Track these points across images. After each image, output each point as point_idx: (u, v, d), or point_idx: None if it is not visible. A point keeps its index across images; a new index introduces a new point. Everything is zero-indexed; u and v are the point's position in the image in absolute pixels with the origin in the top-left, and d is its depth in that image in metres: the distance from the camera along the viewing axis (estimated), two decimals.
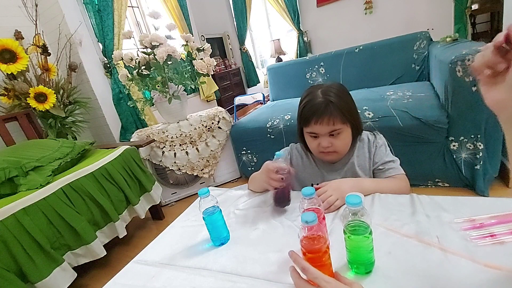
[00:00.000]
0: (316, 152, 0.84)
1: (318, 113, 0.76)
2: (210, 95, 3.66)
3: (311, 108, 0.77)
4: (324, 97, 0.77)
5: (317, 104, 0.76)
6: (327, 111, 0.75)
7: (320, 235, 0.46)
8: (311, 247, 0.45)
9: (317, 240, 0.45)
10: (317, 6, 4.41)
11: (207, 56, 1.95)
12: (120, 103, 2.42)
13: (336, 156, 0.82)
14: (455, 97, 1.29)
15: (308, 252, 0.46)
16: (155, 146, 1.92)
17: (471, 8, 2.99)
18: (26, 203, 1.12)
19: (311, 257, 0.45)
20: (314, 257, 0.45)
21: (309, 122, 0.78)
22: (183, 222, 0.82)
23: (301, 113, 0.81)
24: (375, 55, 2.24)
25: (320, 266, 0.44)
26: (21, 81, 1.77)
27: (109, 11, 2.32)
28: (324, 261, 0.46)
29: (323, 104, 0.76)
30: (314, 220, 0.44)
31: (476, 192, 1.35)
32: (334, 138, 0.78)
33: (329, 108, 0.75)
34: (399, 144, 1.44)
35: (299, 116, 0.83)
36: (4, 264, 1.01)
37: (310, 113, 0.77)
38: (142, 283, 0.60)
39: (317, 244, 0.45)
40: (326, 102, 0.76)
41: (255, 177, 0.88)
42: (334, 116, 0.75)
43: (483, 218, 0.54)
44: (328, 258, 0.47)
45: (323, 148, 0.79)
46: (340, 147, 0.79)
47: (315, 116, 0.76)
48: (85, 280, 1.43)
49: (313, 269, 0.43)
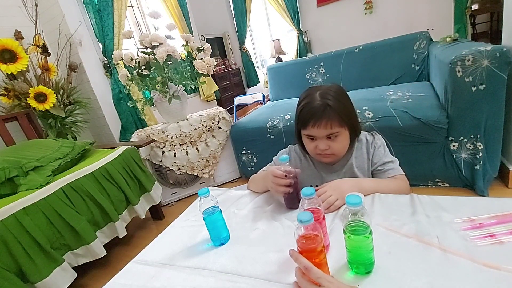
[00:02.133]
0: (314, 154, 0.84)
1: (316, 117, 0.75)
2: (210, 95, 3.66)
3: (309, 111, 0.77)
4: (322, 100, 0.76)
5: (315, 107, 0.76)
6: (325, 114, 0.74)
7: (316, 235, 0.46)
8: (306, 246, 0.46)
9: (312, 240, 0.46)
10: (317, 6, 4.41)
11: (207, 56, 1.95)
12: (120, 103, 2.42)
13: (333, 158, 0.82)
14: (455, 97, 1.29)
15: (303, 252, 0.47)
16: (155, 146, 1.92)
17: (471, 8, 2.99)
18: (26, 203, 1.12)
19: (306, 256, 0.46)
20: (309, 256, 0.46)
21: (307, 125, 0.77)
22: (183, 222, 0.82)
23: (299, 115, 0.81)
24: (375, 55, 2.24)
25: (316, 265, 0.45)
26: (21, 81, 1.77)
27: (109, 11, 2.32)
28: (319, 261, 0.46)
29: (321, 108, 0.75)
30: (310, 220, 0.45)
31: (476, 192, 1.35)
32: (332, 141, 0.78)
33: (327, 111, 0.74)
34: (399, 144, 1.44)
35: (297, 118, 0.83)
36: (4, 264, 1.01)
37: (308, 116, 0.77)
38: (142, 283, 0.60)
39: (312, 243, 0.46)
40: (324, 105, 0.75)
41: (256, 179, 0.88)
42: (332, 120, 0.75)
43: (482, 218, 0.54)
44: (323, 258, 0.47)
45: (320, 150, 0.79)
46: (338, 150, 0.79)
47: (313, 120, 0.76)
48: (85, 280, 1.43)
49: (315, 269, 0.43)
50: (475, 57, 1.18)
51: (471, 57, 1.18)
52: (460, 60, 1.21)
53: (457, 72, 1.23)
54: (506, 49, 1.14)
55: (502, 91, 1.20)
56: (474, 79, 1.20)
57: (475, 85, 1.21)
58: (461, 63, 1.21)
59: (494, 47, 1.16)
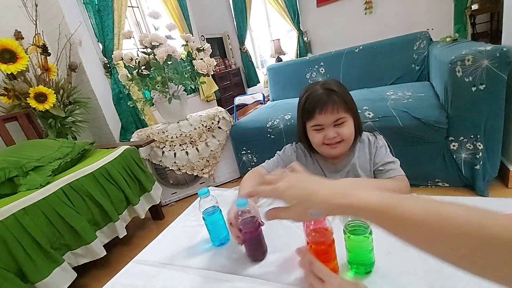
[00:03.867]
0: (321, 146, 0.81)
1: (321, 103, 0.75)
2: (210, 95, 3.66)
3: (313, 100, 0.77)
4: (325, 89, 0.77)
5: (319, 95, 0.76)
6: (330, 100, 0.75)
7: (326, 228, 0.48)
8: (317, 240, 0.48)
9: (322, 234, 0.48)
10: (317, 6, 4.41)
11: (207, 56, 1.95)
12: (120, 103, 2.42)
13: (342, 147, 0.80)
14: (455, 97, 1.29)
15: (313, 243, 0.49)
16: (155, 146, 1.92)
17: (471, 8, 2.99)
18: (26, 203, 1.12)
19: (315, 248, 0.48)
20: (319, 250, 0.48)
21: (313, 114, 0.77)
22: (183, 222, 0.82)
23: (303, 107, 0.80)
24: (375, 55, 2.24)
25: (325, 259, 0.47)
26: (21, 81, 1.77)
27: (109, 11, 2.32)
28: (328, 255, 0.48)
29: (325, 94, 0.76)
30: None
31: (476, 192, 1.35)
32: (340, 127, 0.77)
33: (332, 97, 0.75)
34: (399, 144, 1.44)
35: (301, 112, 0.82)
36: (4, 264, 1.01)
37: (313, 104, 0.77)
38: (142, 283, 0.60)
39: (321, 237, 0.48)
40: (328, 92, 0.76)
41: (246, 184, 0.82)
42: (337, 105, 0.75)
43: None
44: (333, 252, 0.49)
45: (329, 139, 0.77)
46: (346, 135, 0.77)
47: (319, 107, 0.75)
48: (85, 280, 1.43)
49: (319, 265, 0.44)
50: (475, 57, 1.18)
51: (471, 57, 1.18)
52: (460, 60, 1.21)
53: (457, 72, 1.23)
54: (506, 49, 1.14)
55: (502, 91, 1.20)
56: (474, 79, 1.20)
57: (475, 85, 1.21)
58: (461, 63, 1.21)
59: (494, 47, 1.16)
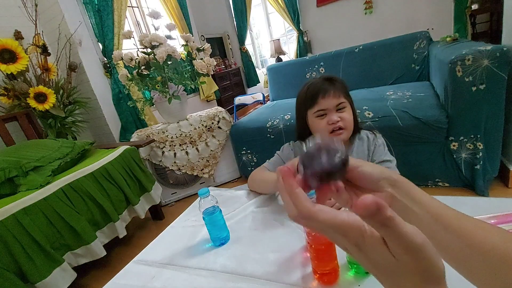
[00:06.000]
0: (325, 133, 0.82)
1: (324, 89, 0.79)
2: (210, 95, 3.66)
3: (315, 87, 0.81)
4: (325, 78, 0.82)
5: (320, 83, 0.80)
6: (331, 85, 0.79)
7: None
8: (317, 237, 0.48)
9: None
10: (317, 6, 4.41)
11: (207, 56, 1.95)
12: (120, 103, 2.42)
13: (344, 134, 0.81)
14: (455, 97, 1.29)
15: (313, 243, 0.48)
16: (155, 146, 1.92)
17: (471, 8, 2.99)
18: (26, 203, 1.12)
19: (315, 248, 0.48)
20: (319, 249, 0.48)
21: (316, 99, 0.80)
22: (183, 222, 0.82)
23: (305, 96, 0.83)
24: (375, 55, 2.24)
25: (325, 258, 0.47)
26: (21, 81, 1.77)
27: (109, 11, 2.32)
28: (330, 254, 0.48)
29: (327, 82, 0.80)
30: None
31: (476, 192, 1.35)
32: (342, 113, 0.80)
33: (333, 84, 0.80)
34: (399, 144, 1.44)
35: (303, 101, 0.84)
36: (4, 264, 1.01)
37: (315, 91, 0.80)
38: (142, 283, 0.60)
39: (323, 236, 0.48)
40: (329, 80, 0.81)
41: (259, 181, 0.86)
42: (339, 91, 0.79)
43: (483, 218, 0.54)
44: (333, 251, 0.49)
45: (333, 122, 0.79)
46: (348, 121, 0.81)
47: (321, 92, 0.79)
48: (85, 280, 1.43)
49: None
50: (475, 57, 1.18)
51: (471, 57, 1.18)
52: (460, 60, 1.21)
53: (457, 72, 1.23)
54: (506, 49, 1.14)
55: (502, 91, 1.20)
56: (474, 79, 1.20)
57: (475, 85, 1.21)
58: (461, 62, 1.21)
59: (494, 47, 1.16)
